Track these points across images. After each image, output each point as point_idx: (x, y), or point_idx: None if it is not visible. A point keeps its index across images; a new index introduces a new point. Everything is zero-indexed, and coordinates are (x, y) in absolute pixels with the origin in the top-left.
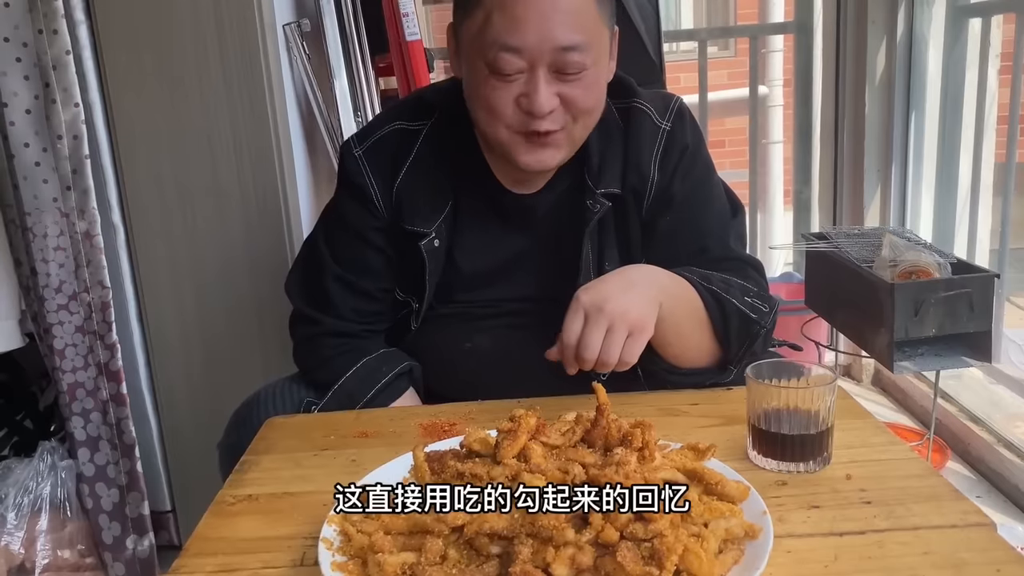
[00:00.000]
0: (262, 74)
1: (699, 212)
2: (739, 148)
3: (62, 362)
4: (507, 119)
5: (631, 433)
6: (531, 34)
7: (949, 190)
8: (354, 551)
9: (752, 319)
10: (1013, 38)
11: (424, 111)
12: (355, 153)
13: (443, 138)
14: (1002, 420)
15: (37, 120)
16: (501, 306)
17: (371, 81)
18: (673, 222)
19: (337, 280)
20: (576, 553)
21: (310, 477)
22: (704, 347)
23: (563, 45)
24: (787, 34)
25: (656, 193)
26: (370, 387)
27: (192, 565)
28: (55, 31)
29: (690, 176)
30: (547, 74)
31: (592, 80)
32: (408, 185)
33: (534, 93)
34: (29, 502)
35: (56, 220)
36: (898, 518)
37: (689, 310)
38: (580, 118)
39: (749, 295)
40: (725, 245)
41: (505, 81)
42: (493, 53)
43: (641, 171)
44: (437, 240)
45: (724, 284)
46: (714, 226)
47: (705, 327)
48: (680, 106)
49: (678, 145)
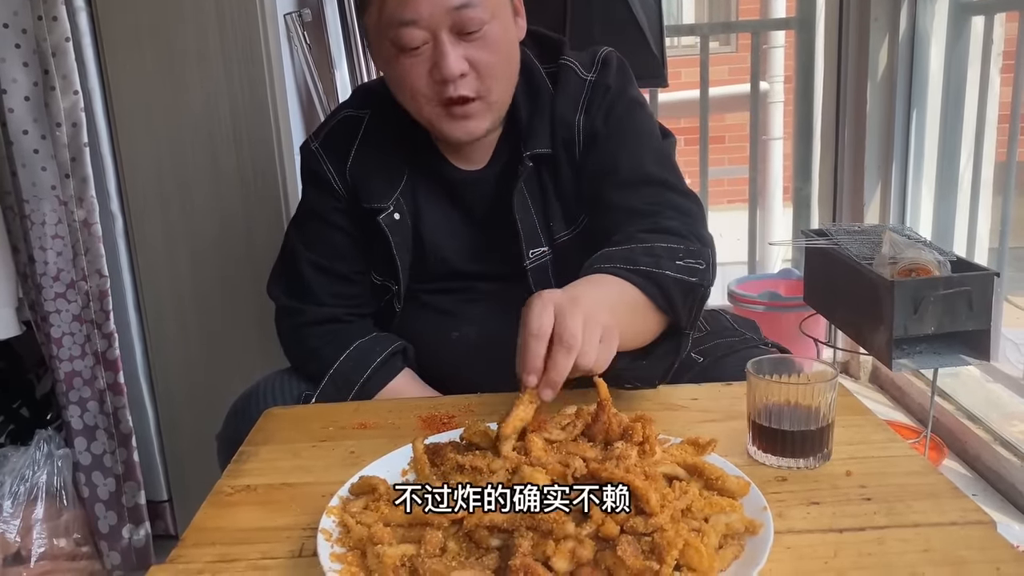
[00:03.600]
0: (262, 63)
1: (625, 143)
2: (739, 144)
3: (59, 350)
4: (424, 93)
5: (632, 427)
6: (422, 3)
7: (949, 188)
8: (353, 542)
9: (692, 283)
10: (1015, 36)
11: (369, 98)
12: (312, 147)
13: (388, 121)
14: (999, 419)
15: (36, 107)
16: (475, 288)
17: (372, 71)
18: (598, 156)
19: (311, 265)
20: (576, 547)
21: (309, 468)
22: (651, 326)
23: (455, 4)
24: (789, 30)
25: (585, 138)
26: (365, 368)
27: (190, 555)
28: (55, 17)
29: (612, 113)
30: (451, 37)
31: (496, 37)
32: (359, 166)
33: (442, 58)
34: (25, 491)
35: (54, 208)
36: (898, 515)
37: (628, 304)
38: (494, 80)
39: (679, 257)
40: (639, 166)
41: (413, 56)
42: (394, 31)
43: (567, 122)
44: (397, 213)
45: (650, 257)
46: (643, 154)
47: (647, 310)
48: (606, 55)
49: (601, 89)
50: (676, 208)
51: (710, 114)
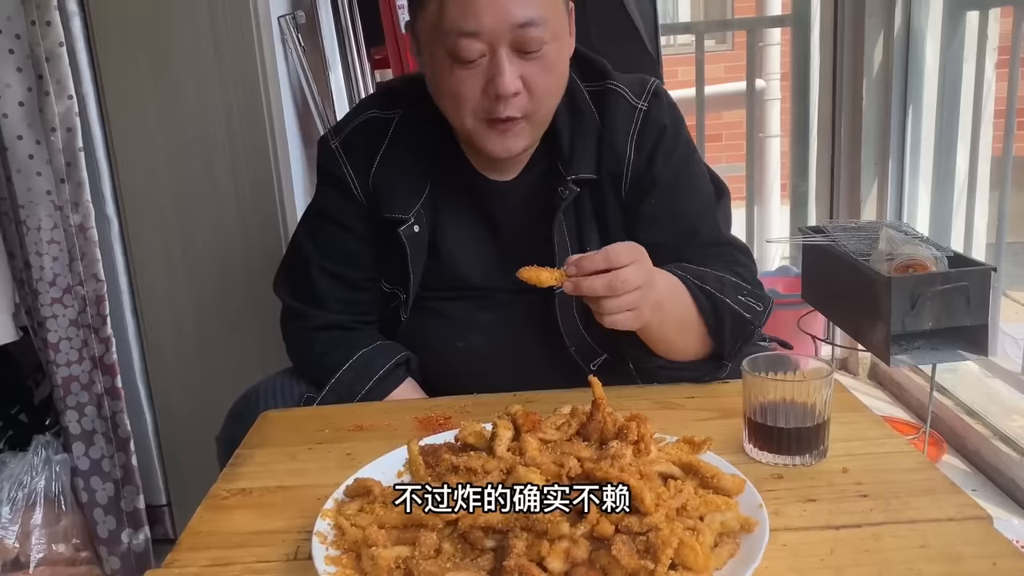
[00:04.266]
0: (257, 66)
1: (685, 195)
2: (736, 142)
3: (56, 356)
4: (472, 106)
5: (627, 427)
6: (486, 15)
7: (946, 184)
8: (348, 545)
9: (746, 319)
10: (1010, 31)
11: (396, 100)
12: (332, 145)
13: (416, 125)
14: (998, 414)
15: (30, 112)
16: (489, 298)
17: (367, 73)
18: (659, 205)
19: (322, 271)
20: (571, 547)
21: (304, 471)
22: (694, 344)
23: (520, 22)
24: (784, 27)
25: (634, 175)
26: (367, 379)
27: (185, 559)
28: (48, 23)
29: (672, 158)
30: (509, 54)
31: (553, 58)
32: (384, 172)
33: (498, 75)
34: (24, 496)
35: (50, 213)
36: (895, 511)
37: (680, 308)
38: (543, 101)
39: (743, 294)
40: (715, 228)
41: (468, 68)
42: (452, 40)
43: (617, 152)
44: (417, 226)
45: (718, 283)
46: (702, 208)
47: (697, 326)
48: (657, 87)
49: (655, 125)
50: (745, 267)
51: (706, 112)
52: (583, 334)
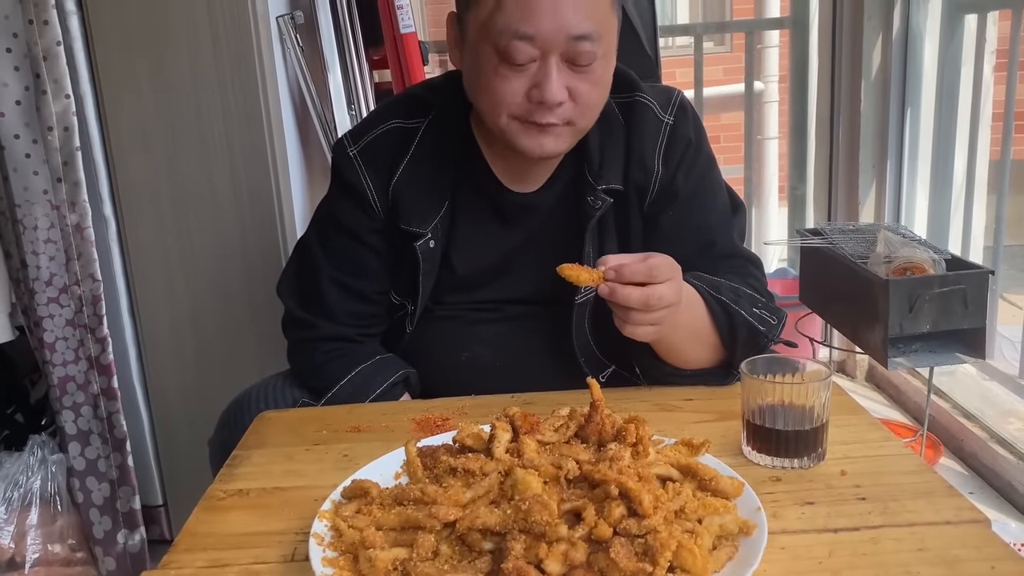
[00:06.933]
0: (255, 66)
1: (704, 207)
2: (734, 144)
3: (53, 355)
4: (513, 108)
5: (625, 429)
6: (545, 21)
7: (944, 186)
8: (345, 547)
9: (760, 331)
10: (1008, 34)
11: (420, 109)
12: (349, 153)
13: (441, 136)
14: (995, 416)
15: (27, 111)
16: (498, 309)
17: (365, 74)
18: (677, 217)
19: (332, 282)
20: (569, 549)
21: (301, 472)
22: (707, 354)
23: (577, 33)
24: (783, 29)
25: (660, 188)
26: (364, 396)
27: (181, 560)
28: (45, 21)
29: (694, 170)
30: (559, 63)
31: (601, 74)
32: (405, 184)
33: (546, 82)
34: (19, 496)
35: (47, 212)
36: (892, 514)
37: (696, 319)
38: (584, 114)
39: (758, 306)
40: (730, 241)
41: (516, 71)
42: (505, 40)
43: (645, 166)
44: (433, 241)
45: (733, 294)
46: (719, 221)
47: (711, 337)
48: (682, 100)
49: (681, 139)
50: (758, 280)
51: (705, 114)
52: (593, 347)
